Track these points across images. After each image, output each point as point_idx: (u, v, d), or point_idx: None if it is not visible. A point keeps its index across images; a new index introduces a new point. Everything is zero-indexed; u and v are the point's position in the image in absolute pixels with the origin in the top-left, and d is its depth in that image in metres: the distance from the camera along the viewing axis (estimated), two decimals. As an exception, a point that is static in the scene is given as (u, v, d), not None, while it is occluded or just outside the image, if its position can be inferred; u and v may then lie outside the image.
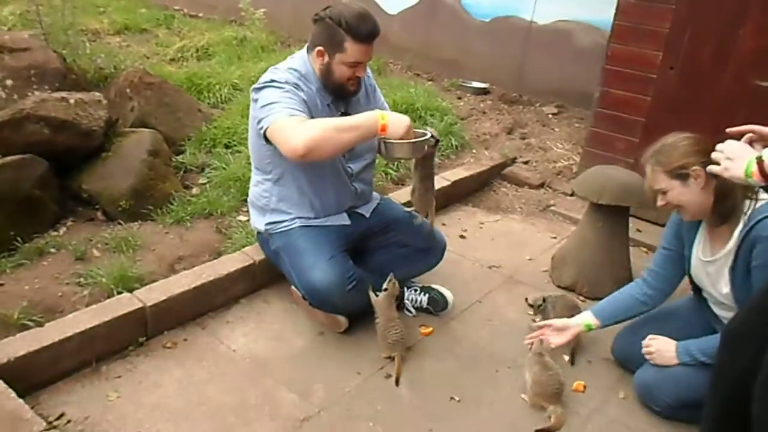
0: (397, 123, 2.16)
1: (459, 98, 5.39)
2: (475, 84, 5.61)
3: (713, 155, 1.71)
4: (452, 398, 2.25)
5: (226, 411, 2.09)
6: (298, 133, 2.07)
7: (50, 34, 4.32)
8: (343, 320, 2.48)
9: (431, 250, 2.67)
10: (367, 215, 2.63)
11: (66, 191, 3.13)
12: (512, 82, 5.58)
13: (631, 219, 3.52)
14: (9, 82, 3.47)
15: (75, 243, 2.77)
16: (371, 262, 2.63)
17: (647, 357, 2.29)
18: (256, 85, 2.33)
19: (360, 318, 2.53)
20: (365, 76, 2.49)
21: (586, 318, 2.40)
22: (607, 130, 3.80)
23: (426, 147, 2.32)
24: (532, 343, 2.35)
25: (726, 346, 1.83)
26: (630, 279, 3.06)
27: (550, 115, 5.18)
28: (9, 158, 2.80)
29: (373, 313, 2.44)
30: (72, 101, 3.11)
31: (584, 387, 2.37)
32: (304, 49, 2.43)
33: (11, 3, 5.51)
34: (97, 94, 3.33)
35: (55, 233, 2.88)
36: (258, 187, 2.54)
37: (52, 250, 2.72)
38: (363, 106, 2.48)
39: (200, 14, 7.09)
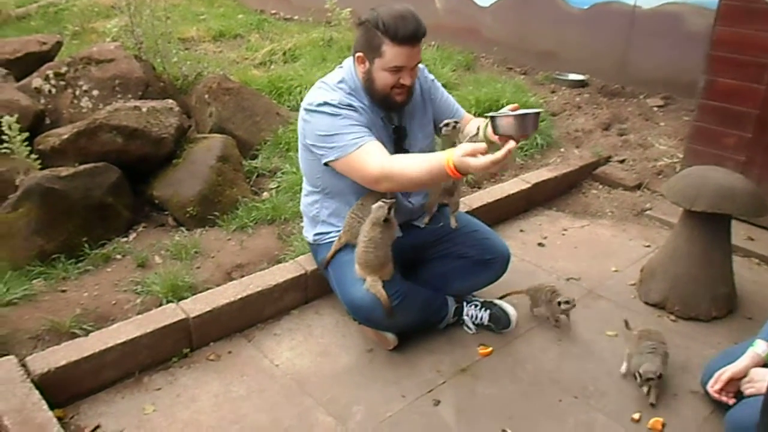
0: (462, 167, 1.89)
1: (553, 92, 5.03)
2: (572, 76, 5.21)
3: None
4: (505, 431, 2.03)
5: (257, 432, 2.00)
6: (374, 171, 2.04)
7: (143, 44, 4.51)
8: (392, 338, 2.32)
9: (491, 262, 2.44)
10: (422, 225, 2.45)
11: (142, 197, 3.21)
12: (614, 72, 5.13)
13: (741, 225, 3.12)
14: (95, 92, 3.64)
15: (140, 249, 2.81)
16: (426, 274, 2.45)
17: (745, 389, 1.93)
18: (307, 105, 2.17)
19: (413, 335, 2.36)
20: (420, 78, 2.29)
21: (761, 348, 1.97)
22: (713, 125, 3.36)
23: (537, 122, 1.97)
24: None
25: None
26: (732, 297, 2.67)
27: (655, 108, 4.70)
28: (82, 167, 2.89)
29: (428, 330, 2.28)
30: (144, 109, 3.18)
31: (663, 425, 2.06)
32: (351, 58, 2.24)
33: (117, 16, 5.82)
34: (171, 101, 3.39)
35: (125, 239, 2.95)
36: (308, 197, 2.44)
37: (118, 256, 2.78)
38: (418, 118, 2.31)
39: (295, 17, 7.18)
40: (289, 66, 5.14)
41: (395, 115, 2.29)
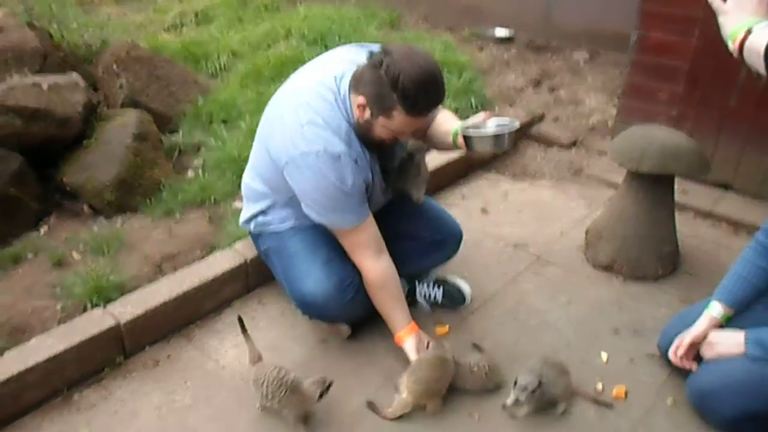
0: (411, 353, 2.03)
1: (480, 49, 4.92)
2: (498, 32, 5.12)
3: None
4: (470, 414, 1.96)
5: (209, 444, 1.84)
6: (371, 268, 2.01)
7: (35, 9, 4.04)
8: (345, 328, 2.19)
9: (444, 243, 2.34)
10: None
11: (50, 185, 2.89)
12: (539, 27, 5.07)
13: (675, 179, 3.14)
14: (-17, 67, 3.21)
15: (54, 245, 2.53)
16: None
17: (705, 352, 1.93)
18: (305, 147, 1.82)
19: (367, 321, 2.23)
20: None
21: (716, 310, 1.94)
22: (646, 80, 3.35)
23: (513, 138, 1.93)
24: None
25: None
26: (677, 255, 2.69)
27: (581, 62, 4.69)
28: (-24, 156, 2.55)
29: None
30: (45, 86, 2.83)
31: (626, 393, 2.04)
32: (344, 80, 1.90)
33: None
34: (75, 75, 3.04)
35: (36, 234, 2.64)
36: (258, 190, 2.15)
37: (30, 255, 2.49)
38: (397, 150, 2.14)
39: (204, -27, 6.68)
40: (202, 29, 4.78)
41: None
